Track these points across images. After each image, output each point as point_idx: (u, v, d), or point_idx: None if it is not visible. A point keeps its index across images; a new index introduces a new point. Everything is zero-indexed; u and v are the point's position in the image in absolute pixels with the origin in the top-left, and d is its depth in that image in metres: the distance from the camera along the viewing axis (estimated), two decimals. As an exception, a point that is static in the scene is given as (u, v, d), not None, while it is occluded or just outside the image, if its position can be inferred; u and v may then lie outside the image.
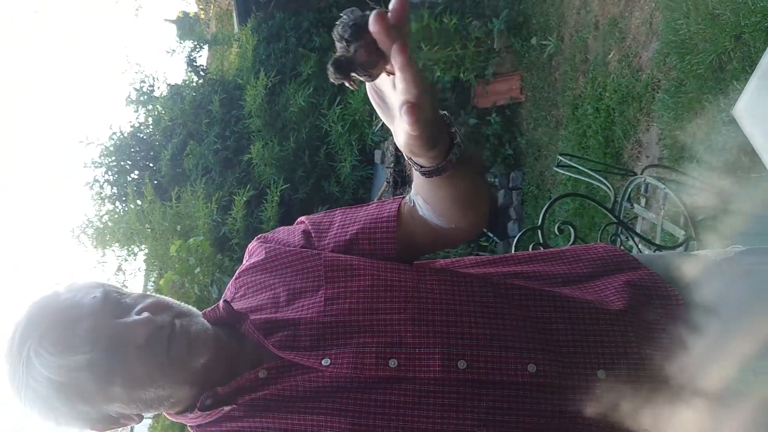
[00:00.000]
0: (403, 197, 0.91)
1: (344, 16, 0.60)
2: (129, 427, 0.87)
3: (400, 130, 0.66)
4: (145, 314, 0.81)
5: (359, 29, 0.58)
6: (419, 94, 0.61)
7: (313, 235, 0.95)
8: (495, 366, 0.80)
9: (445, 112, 0.72)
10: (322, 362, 0.81)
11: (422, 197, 0.84)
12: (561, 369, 0.80)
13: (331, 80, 0.60)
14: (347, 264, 0.89)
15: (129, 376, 0.79)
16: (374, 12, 0.57)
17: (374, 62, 0.59)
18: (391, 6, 0.59)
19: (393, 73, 0.61)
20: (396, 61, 0.58)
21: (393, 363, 0.80)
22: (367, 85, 0.68)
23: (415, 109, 0.61)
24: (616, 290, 0.91)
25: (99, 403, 0.81)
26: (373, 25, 0.57)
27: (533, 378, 0.79)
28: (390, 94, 0.66)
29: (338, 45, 0.60)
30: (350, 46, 0.59)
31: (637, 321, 0.87)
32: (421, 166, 0.74)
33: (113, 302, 0.83)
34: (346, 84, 0.61)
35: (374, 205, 0.95)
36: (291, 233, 0.98)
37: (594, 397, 0.80)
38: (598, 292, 0.91)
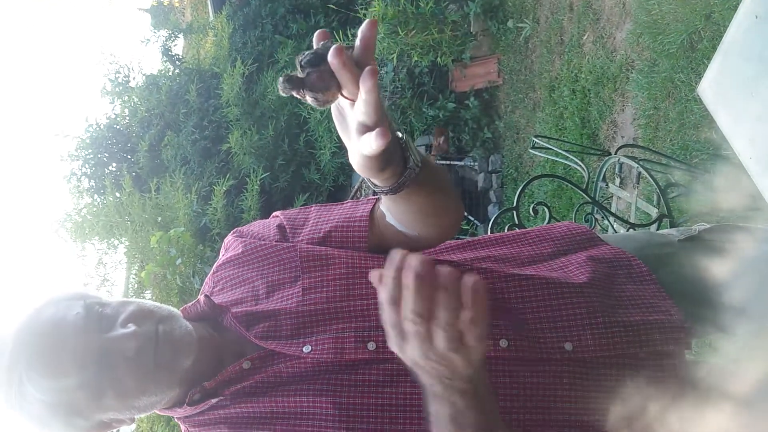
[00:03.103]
0: (378, 199, 0.92)
1: (315, 46, 0.62)
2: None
3: (355, 150, 0.66)
4: (131, 326, 0.82)
5: (317, 57, 0.60)
6: (378, 119, 0.61)
7: (287, 230, 0.96)
8: None
9: (402, 135, 0.72)
10: (303, 350, 0.83)
11: (386, 206, 0.86)
12: (530, 344, 0.84)
13: (280, 91, 0.61)
14: (322, 254, 0.90)
15: (121, 389, 0.81)
16: (334, 46, 0.59)
17: (324, 88, 0.61)
18: (360, 31, 0.60)
19: (351, 99, 0.62)
20: (365, 85, 0.59)
21: (371, 346, 0.82)
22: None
23: (386, 133, 0.60)
24: (579, 265, 0.94)
25: (93, 414, 0.83)
26: (332, 58, 0.59)
27: (506, 352, 0.82)
28: (349, 114, 0.66)
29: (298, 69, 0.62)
30: (304, 71, 0.61)
31: (601, 292, 0.90)
32: (376, 185, 0.74)
33: (96, 316, 0.83)
34: (296, 95, 0.62)
35: (349, 204, 0.96)
36: (266, 227, 0.99)
37: (564, 369, 0.83)
38: (562, 268, 0.94)
